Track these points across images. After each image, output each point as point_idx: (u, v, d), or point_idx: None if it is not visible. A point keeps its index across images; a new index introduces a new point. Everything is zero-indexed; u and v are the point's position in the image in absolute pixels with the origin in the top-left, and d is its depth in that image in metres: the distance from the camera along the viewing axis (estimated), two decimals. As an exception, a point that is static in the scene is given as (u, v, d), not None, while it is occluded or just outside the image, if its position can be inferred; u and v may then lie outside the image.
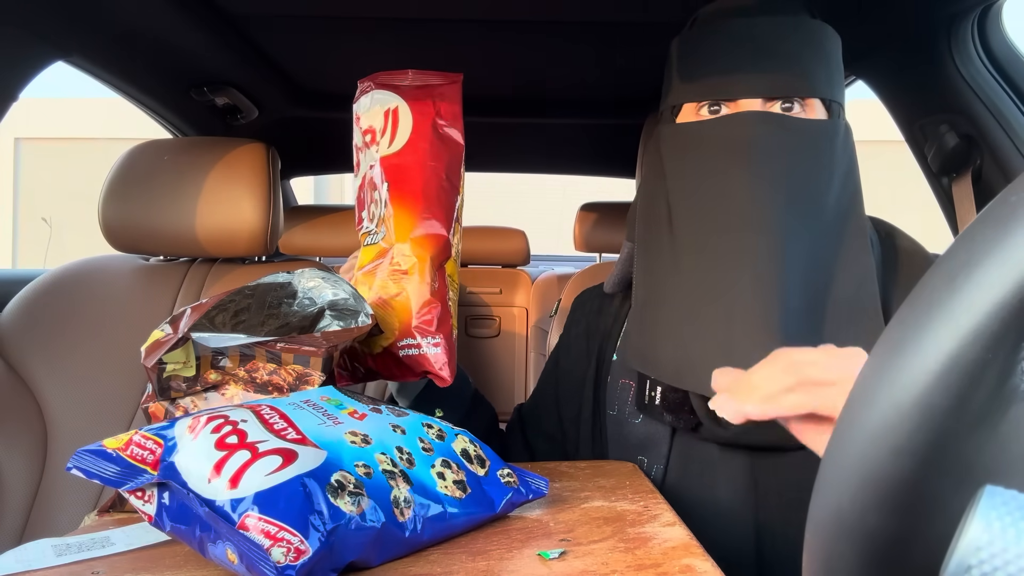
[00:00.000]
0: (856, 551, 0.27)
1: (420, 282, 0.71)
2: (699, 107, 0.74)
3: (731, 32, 0.72)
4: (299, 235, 1.97)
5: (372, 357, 0.73)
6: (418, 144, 0.74)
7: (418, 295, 0.71)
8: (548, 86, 1.54)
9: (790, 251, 0.67)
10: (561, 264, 2.71)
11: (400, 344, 0.71)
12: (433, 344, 0.70)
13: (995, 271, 0.23)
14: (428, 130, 0.74)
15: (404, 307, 0.71)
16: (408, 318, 0.71)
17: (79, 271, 1.20)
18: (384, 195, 0.74)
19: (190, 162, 1.18)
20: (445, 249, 0.73)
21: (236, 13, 1.17)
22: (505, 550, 0.50)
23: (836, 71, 0.74)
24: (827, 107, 0.73)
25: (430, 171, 0.73)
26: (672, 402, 0.73)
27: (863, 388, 0.27)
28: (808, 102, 0.71)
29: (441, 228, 0.73)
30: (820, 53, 0.72)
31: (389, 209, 0.73)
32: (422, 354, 0.70)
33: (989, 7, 1.02)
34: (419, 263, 0.71)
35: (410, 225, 0.72)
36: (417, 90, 0.76)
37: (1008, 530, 0.20)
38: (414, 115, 0.75)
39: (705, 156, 0.72)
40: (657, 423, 0.76)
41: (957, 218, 1.15)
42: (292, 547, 0.42)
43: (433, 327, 0.70)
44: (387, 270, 0.72)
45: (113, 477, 0.46)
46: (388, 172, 0.74)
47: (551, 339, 1.55)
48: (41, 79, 1.10)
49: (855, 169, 0.73)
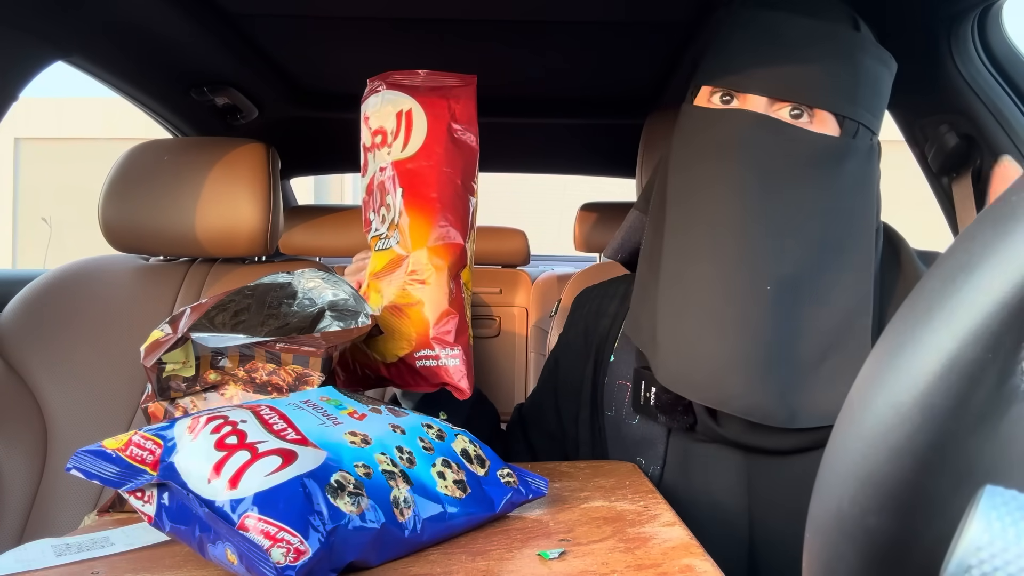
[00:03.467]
0: (856, 551, 0.27)
1: (438, 292, 0.70)
2: (712, 93, 0.73)
3: (763, 25, 0.70)
4: (299, 235, 1.97)
5: (386, 366, 0.72)
6: (433, 149, 0.72)
7: (436, 305, 0.70)
8: (548, 86, 1.54)
9: (783, 260, 0.66)
10: (561, 264, 2.71)
11: (417, 355, 0.70)
12: (452, 356, 0.69)
13: (995, 271, 0.23)
14: (443, 134, 0.73)
15: (421, 317, 0.70)
16: (425, 328, 0.69)
17: (79, 271, 1.20)
18: (399, 202, 0.72)
19: (190, 162, 1.18)
20: (462, 257, 0.72)
21: (236, 13, 1.16)
22: (505, 550, 0.50)
23: (866, 89, 0.69)
24: (840, 123, 0.68)
25: (446, 177, 0.72)
26: (666, 403, 0.72)
27: (863, 388, 0.27)
28: (818, 113, 0.68)
29: (458, 236, 0.71)
30: (849, 67, 0.68)
31: (405, 217, 0.71)
32: (441, 366, 0.69)
33: (989, 7, 1.02)
34: (436, 273, 0.70)
35: (427, 233, 0.71)
36: (431, 91, 0.74)
37: (1008, 530, 0.20)
38: (428, 118, 0.73)
39: (702, 145, 0.71)
40: (653, 424, 0.76)
41: (957, 218, 1.15)
42: (292, 547, 0.42)
43: (452, 338, 0.69)
44: (403, 278, 0.71)
45: (113, 478, 0.46)
46: (402, 178, 0.72)
47: (551, 339, 1.55)
48: (41, 79, 1.10)
49: (868, 196, 0.70)
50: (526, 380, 1.90)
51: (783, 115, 0.69)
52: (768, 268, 0.66)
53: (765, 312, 0.65)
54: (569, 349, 0.91)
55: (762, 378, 0.65)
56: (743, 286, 0.66)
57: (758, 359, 0.65)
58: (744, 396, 0.65)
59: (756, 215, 0.67)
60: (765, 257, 0.66)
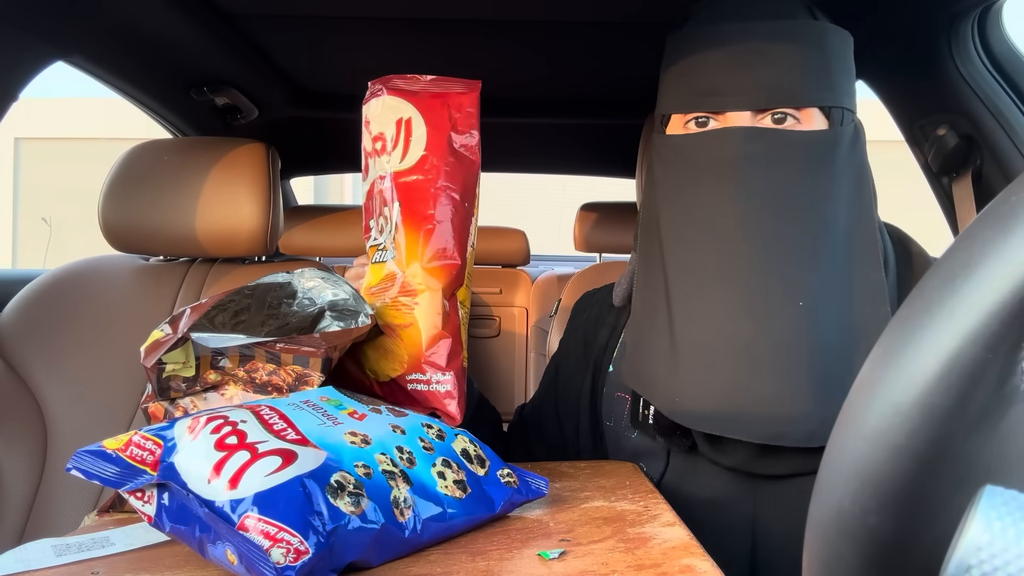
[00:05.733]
0: (856, 551, 0.27)
1: (431, 313, 0.67)
2: (686, 119, 0.70)
3: (721, 38, 0.67)
4: (299, 235, 1.97)
5: (379, 384, 0.71)
6: (432, 162, 0.69)
7: (429, 328, 0.67)
8: (548, 86, 1.54)
9: (793, 278, 0.63)
10: (561, 264, 2.71)
11: (409, 377, 0.68)
12: (442, 381, 0.67)
13: (995, 271, 0.23)
14: (443, 147, 0.70)
15: (413, 339, 0.68)
16: (418, 351, 0.68)
17: (79, 271, 1.20)
18: (395, 215, 0.70)
19: (190, 162, 1.18)
20: (458, 278, 0.69)
21: (236, 13, 1.16)
22: (505, 550, 0.50)
23: (841, 73, 0.68)
24: (827, 114, 0.68)
25: (444, 192, 0.69)
26: (664, 425, 0.70)
27: (863, 388, 0.27)
28: (804, 112, 0.67)
29: (455, 256, 0.68)
30: (821, 57, 0.67)
31: (401, 232, 0.69)
32: (431, 391, 0.68)
33: (989, 7, 1.02)
34: (431, 294, 0.68)
35: (422, 252, 0.68)
36: (433, 98, 0.71)
37: (1008, 530, 0.20)
38: (428, 129, 0.70)
39: (691, 173, 0.68)
40: (651, 440, 0.74)
41: (957, 218, 1.15)
42: (292, 548, 0.42)
43: (444, 362, 0.67)
44: (397, 297, 0.69)
45: (113, 478, 0.46)
46: (400, 191, 0.70)
47: (551, 339, 1.54)
48: (41, 79, 1.10)
49: (865, 178, 0.68)
50: (526, 380, 1.90)
51: (767, 124, 0.67)
52: (793, 288, 0.63)
53: (788, 331, 0.62)
54: (568, 357, 0.90)
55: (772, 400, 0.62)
56: (767, 311, 0.63)
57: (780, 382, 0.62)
58: (752, 420, 0.62)
59: (768, 233, 0.64)
60: (787, 277, 0.63)
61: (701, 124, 0.69)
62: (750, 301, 0.63)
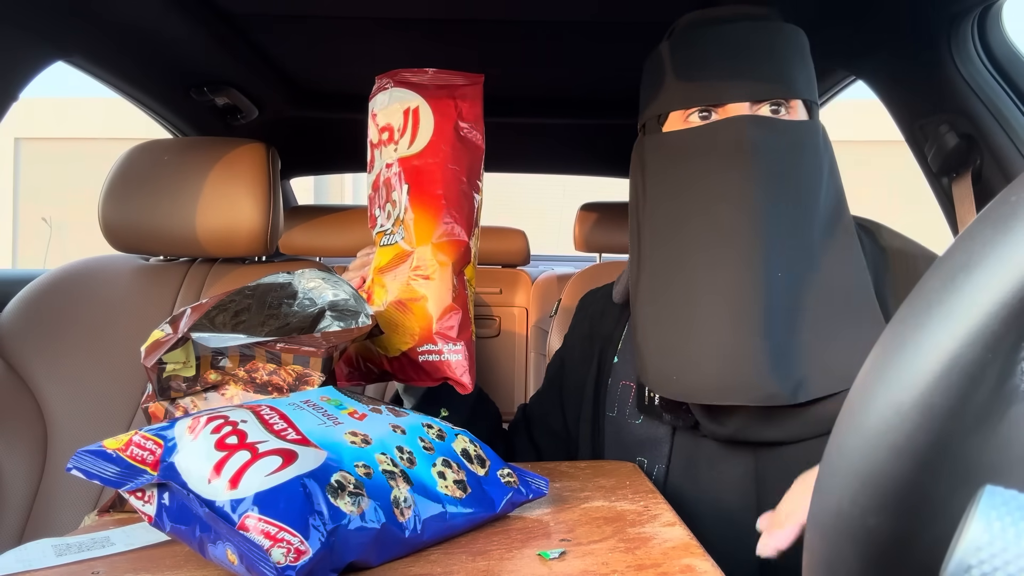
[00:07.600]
0: (857, 551, 0.27)
1: (442, 288, 0.71)
2: (687, 115, 0.75)
3: (717, 38, 0.73)
4: (299, 235, 1.97)
5: (388, 360, 0.73)
6: (439, 146, 0.73)
7: (440, 301, 0.70)
8: (548, 86, 1.54)
9: (787, 251, 0.68)
10: (561, 264, 2.71)
11: (420, 349, 0.71)
12: (454, 351, 0.70)
13: (995, 271, 0.23)
14: (450, 132, 0.74)
15: (424, 312, 0.71)
16: (429, 323, 0.70)
17: (79, 271, 1.20)
18: (404, 198, 0.73)
19: (190, 162, 1.18)
20: (466, 254, 0.73)
21: (236, 13, 1.16)
22: (505, 550, 0.50)
23: (810, 71, 0.76)
24: (808, 108, 0.75)
25: (451, 174, 0.73)
26: (670, 402, 0.74)
27: (863, 388, 0.27)
28: (792, 104, 0.73)
29: (463, 233, 0.72)
30: (798, 55, 0.74)
31: (410, 213, 0.72)
32: (443, 360, 0.70)
33: (989, 7, 1.02)
34: (441, 269, 0.71)
35: (432, 230, 0.72)
36: (438, 90, 0.75)
37: (1008, 530, 0.20)
38: (435, 116, 0.74)
39: (700, 161, 0.72)
40: (658, 424, 0.77)
41: (957, 218, 1.15)
42: (292, 548, 0.42)
43: (455, 333, 0.70)
44: (408, 274, 0.72)
45: (113, 478, 0.46)
46: (408, 174, 0.73)
47: (551, 339, 1.55)
48: (41, 79, 1.10)
49: (836, 167, 0.76)
50: (526, 380, 1.90)
51: (765, 113, 0.72)
52: (779, 261, 0.68)
53: (772, 301, 0.67)
54: (573, 351, 0.92)
55: (763, 364, 0.65)
56: (755, 285, 0.67)
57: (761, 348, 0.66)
58: (744, 386, 0.66)
59: (768, 214, 0.69)
60: (777, 252, 0.68)
61: (704, 117, 0.74)
62: (742, 285, 0.68)
